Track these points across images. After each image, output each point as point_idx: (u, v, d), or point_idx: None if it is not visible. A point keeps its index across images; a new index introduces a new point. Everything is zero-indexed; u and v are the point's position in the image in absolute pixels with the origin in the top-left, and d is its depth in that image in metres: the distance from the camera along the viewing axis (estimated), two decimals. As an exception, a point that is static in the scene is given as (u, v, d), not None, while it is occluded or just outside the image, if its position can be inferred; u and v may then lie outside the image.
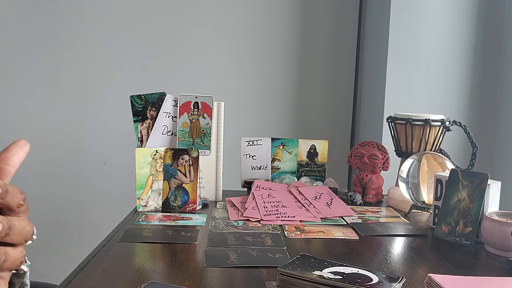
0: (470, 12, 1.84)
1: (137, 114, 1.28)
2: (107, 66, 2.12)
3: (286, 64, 2.16)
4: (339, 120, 2.18)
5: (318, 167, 1.45)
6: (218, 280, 0.77)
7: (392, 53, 1.83)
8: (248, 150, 1.43)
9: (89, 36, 2.10)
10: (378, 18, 1.97)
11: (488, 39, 1.86)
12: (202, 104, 1.29)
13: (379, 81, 1.90)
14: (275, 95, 2.17)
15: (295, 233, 1.03)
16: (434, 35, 1.83)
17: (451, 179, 1.06)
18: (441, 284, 0.68)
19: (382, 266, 0.86)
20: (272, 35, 2.14)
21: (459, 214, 1.02)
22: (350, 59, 2.15)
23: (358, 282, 0.64)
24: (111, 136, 2.13)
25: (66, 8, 2.08)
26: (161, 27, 2.11)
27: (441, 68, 1.85)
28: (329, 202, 1.24)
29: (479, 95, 1.89)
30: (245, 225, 1.09)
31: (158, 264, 0.85)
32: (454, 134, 1.65)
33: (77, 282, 0.75)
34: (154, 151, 1.22)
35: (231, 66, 2.15)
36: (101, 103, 2.14)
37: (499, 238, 0.93)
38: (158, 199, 1.21)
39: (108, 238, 0.98)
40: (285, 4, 2.13)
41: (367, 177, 1.35)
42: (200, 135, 1.29)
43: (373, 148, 1.36)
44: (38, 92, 2.12)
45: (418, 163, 1.24)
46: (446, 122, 1.33)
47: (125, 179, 2.11)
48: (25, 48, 2.09)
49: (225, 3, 2.12)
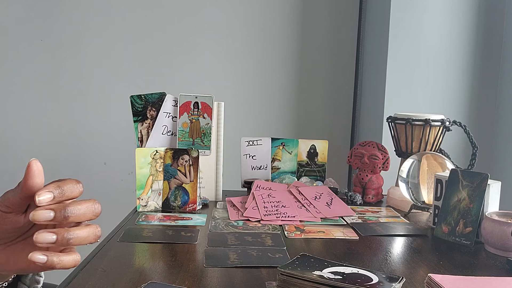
0: (470, 12, 1.84)
1: (137, 114, 1.28)
2: (107, 66, 2.12)
3: (286, 64, 2.16)
4: (339, 120, 2.18)
5: (318, 167, 1.45)
6: (218, 280, 0.77)
7: (392, 53, 1.83)
8: (248, 150, 1.43)
9: (89, 36, 2.10)
10: (378, 18, 1.97)
11: (488, 39, 1.86)
12: (202, 104, 1.29)
13: (379, 81, 1.90)
14: (275, 95, 2.17)
15: (295, 233, 1.03)
16: (434, 35, 1.83)
17: (451, 179, 1.06)
18: (441, 284, 0.68)
19: (382, 266, 0.86)
20: (272, 35, 2.14)
21: (459, 214, 1.02)
22: (350, 59, 2.15)
23: (358, 282, 0.64)
24: (111, 136, 2.13)
25: (66, 8, 2.08)
26: (161, 27, 2.11)
27: (441, 68, 1.85)
28: (329, 202, 1.24)
29: (479, 95, 1.89)
30: (245, 225, 1.09)
31: (158, 264, 0.85)
32: (454, 134, 1.65)
33: (77, 282, 0.75)
34: (154, 151, 1.22)
35: (231, 66, 2.15)
36: (101, 103, 2.14)
37: (499, 238, 0.93)
38: (158, 199, 1.21)
39: (108, 238, 0.98)
40: (285, 4, 2.13)
41: (367, 177, 1.35)
42: (200, 135, 1.29)
43: (373, 148, 1.36)
44: (38, 92, 2.12)
45: (418, 163, 1.24)
46: (446, 122, 1.33)
47: (125, 179, 2.11)
48: (25, 48, 2.09)
49: (225, 3, 2.12)
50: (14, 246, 0.54)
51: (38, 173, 0.49)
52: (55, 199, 0.48)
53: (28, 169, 0.48)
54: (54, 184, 0.49)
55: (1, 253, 0.54)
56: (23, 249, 0.54)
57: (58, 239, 0.48)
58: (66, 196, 0.49)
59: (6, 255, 0.54)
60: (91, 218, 0.51)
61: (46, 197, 0.48)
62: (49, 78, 2.11)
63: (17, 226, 0.52)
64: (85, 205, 0.50)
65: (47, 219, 0.48)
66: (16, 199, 0.50)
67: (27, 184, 0.48)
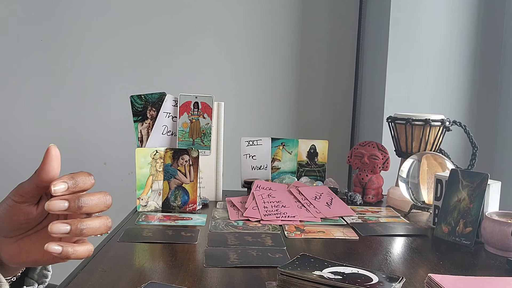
0: (470, 12, 1.84)
1: (137, 114, 1.28)
2: (107, 66, 2.12)
3: (286, 64, 2.16)
4: (339, 120, 2.18)
5: (318, 167, 1.45)
6: (218, 280, 0.77)
7: (392, 53, 1.83)
8: (248, 150, 1.43)
9: (89, 36, 2.10)
10: (378, 18, 1.97)
11: (488, 39, 1.86)
12: (202, 104, 1.29)
13: (379, 81, 1.90)
14: (275, 95, 2.17)
15: (295, 233, 1.03)
16: (434, 35, 1.83)
17: (451, 179, 1.06)
18: (441, 284, 0.68)
19: (382, 266, 0.86)
20: (272, 35, 2.14)
21: (459, 214, 1.02)
22: (350, 59, 2.15)
23: (358, 282, 0.64)
24: (111, 136, 2.13)
25: (66, 8, 2.08)
26: (161, 27, 2.11)
27: (441, 68, 1.85)
28: (329, 202, 1.24)
29: (479, 95, 1.89)
30: (245, 225, 1.09)
31: (158, 264, 0.85)
32: (454, 134, 1.65)
33: (77, 282, 0.75)
34: (154, 151, 1.22)
35: (231, 66, 2.15)
36: (101, 103, 2.14)
37: (499, 238, 0.93)
38: (158, 199, 1.21)
39: (108, 238, 0.98)
40: (285, 4, 2.13)
41: (367, 177, 1.35)
42: (200, 135, 1.29)
43: (373, 148, 1.36)
44: (38, 92, 2.12)
45: (418, 163, 1.24)
46: (446, 122, 1.33)
47: (125, 179, 2.11)
48: (25, 48, 2.09)
49: (225, 3, 2.12)
50: (26, 239, 0.56)
51: (56, 158, 0.52)
52: (69, 190, 0.50)
53: (47, 153, 0.51)
54: (68, 176, 0.51)
55: (14, 245, 0.55)
56: (35, 242, 0.55)
57: (72, 229, 0.49)
58: (79, 187, 0.51)
59: (19, 248, 0.55)
60: (102, 209, 0.52)
61: (61, 187, 0.50)
62: (49, 78, 2.11)
63: (30, 217, 0.54)
64: (97, 196, 0.51)
65: (62, 209, 0.49)
66: (32, 186, 0.52)
67: (45, 168, 0.51)
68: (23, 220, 0.54)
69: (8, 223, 0.54)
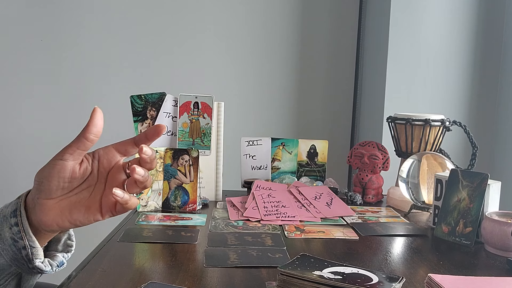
0: (470, 12, 1.84)
1: (137, 114, 1.28)
2: (107, 66, 2.12)
3: (286, 64, 2.16)
4: (339, 120, 2.18)
5: (318, 167, 1.45)
6: (218, 280, 0.77)
7: (392, 53, 1.83)
8: (248, 150, 1.43)
9: (89, 36, 2.10)
10: (378, 18, 1.97)
11: (488, 39, 1.86)
12: (202, 104, 1.29)
13: (379, 81, 1.90)
14: (275, 95, 2.17)
15: (295, 233, 1.03)
16: (434, 35, 1.83)
17: (451, 179, 1.06)
18: (441, 284, 0.68)
19: (382, 266, 0.86)
20: (272, 35, 2.14)
21: (459, 214, 1.02)
22: (350, 59, 2.15)
23: (358, 282, 0.64)
24: (111, 136, 2.12)
25: (66, 8, 2.08)
26: (161, 27, 2.11)
27: (441, 68, 1.85)
28: (329, 202, 1.24)
29: (479, 95, 1.89)
30: (245, 225, 1.09)
31: (158, 264, 0.85)
32: (454, 134, 1.65)
33: (77, 282, 0.75)
34: (154, 151, 1.21)
35: (231, 66, 2.15)
36: (101, 103, 2.13)
37: (499, 238, 0.93)
38: (158, 199, 1.21)
39: (108, 238, 0.98)
40: (285, 4, 2.13)
41: (367, 177, 1.35)
42: (200, 135, 1.29)
43: (373, 148, 1.36)
44: (38, 92, 2.12)
45: (418, 163, 1.24)
46: (446, 122, 1.33)
47: (125, 179, 2.10)
48: (25, 48, 2.09)
49: (225, 3, 2.12)
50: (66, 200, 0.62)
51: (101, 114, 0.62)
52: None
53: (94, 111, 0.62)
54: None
55: (55, 205, 0.61)
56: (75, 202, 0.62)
57: (146, 174, 0.62)
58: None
59: (60, 208, 0.61)
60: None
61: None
62: (49, 78, 2.11)
63: (73, 176, 0.61)
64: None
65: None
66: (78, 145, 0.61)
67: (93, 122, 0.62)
68: (67, 178, 0.61)
69: (55, 180, 0.60)
